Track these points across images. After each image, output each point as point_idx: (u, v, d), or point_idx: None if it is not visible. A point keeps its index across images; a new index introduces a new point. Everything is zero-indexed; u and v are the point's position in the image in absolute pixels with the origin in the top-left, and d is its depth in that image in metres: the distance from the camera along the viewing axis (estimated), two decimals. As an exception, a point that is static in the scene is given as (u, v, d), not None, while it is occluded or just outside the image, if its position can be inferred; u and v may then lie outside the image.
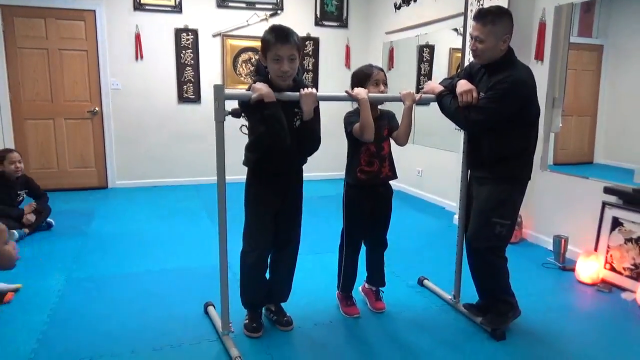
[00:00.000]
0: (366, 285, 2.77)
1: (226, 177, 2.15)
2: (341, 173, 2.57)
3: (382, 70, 2.44)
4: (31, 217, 3.97)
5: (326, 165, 6.03)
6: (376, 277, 2.71)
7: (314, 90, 2.11)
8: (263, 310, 2.52)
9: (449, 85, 2.40)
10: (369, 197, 2.49)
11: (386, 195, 2.56)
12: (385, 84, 2.42)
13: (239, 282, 2.41)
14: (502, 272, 2.41)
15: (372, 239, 2.63)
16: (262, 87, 2.02)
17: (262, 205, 2.27)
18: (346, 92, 2.27)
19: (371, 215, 2.53)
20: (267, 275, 2.46)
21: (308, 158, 2.33)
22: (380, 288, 2.73)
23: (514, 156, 2.29)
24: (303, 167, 2.38)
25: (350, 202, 2.51)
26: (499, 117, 2.21)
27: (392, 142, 2.51)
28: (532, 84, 2.26)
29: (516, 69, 2.23)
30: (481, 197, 2.37)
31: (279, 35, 2.02)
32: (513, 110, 2.21)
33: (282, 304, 2.52)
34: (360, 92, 2.26)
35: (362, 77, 2.40)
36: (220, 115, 2.04)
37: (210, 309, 2.58)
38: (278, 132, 2.03)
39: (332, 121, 2.29)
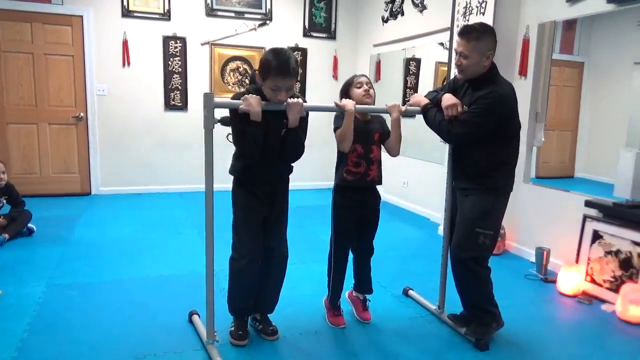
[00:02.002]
0: (353, 293, 2.77)
1: (214, 185, 2.14)
2: (327, 183, 2.59)
3: (364, 75, 2.50)
4: (2, 221, 3.90)
5: (312, 175, 6.05)
6: (363, 284, 2.71)
7: (300, 100, 2.13)
8: (249, 319, 2.51)
9: (434, 98, 2.46)
10: (357, 201, 2.50)
11: (374, 201, 2.58)
12: (371, 86, 2.45)
13: (227, 289, 2.40)
14: (486, 283, 2.44)
15: (360, 244, 2.63)
16: (254, 104, 2.03)
17: (250, 212, 2.27)
18: (335, 103, 2.31)
19: (359, 220, 2.54)
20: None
21: (294, 167, 2.37)
22: (367, 296, 2.73)
23: (495, 168, 2.36)
24: (290, 176, 2.40)
25: (338, 206, 2.52)
26: (480, 131, 2.29)
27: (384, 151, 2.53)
28: (513, 100, 2.34)
29: (499, 85, 2.30)
30: (465, 208, 2.41)
31: (281, 69, 2.04)
32: (494, 126, 2.28)
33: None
34: (347, 103, 2.30)
35: (346, 85, 2.48)
36: (209, 123, 2.05)
37: (195, 317, 2.56)
38: (250, 150, 2.12)
39: (319, 132, 2.32)
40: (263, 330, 2.45)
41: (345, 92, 2.46)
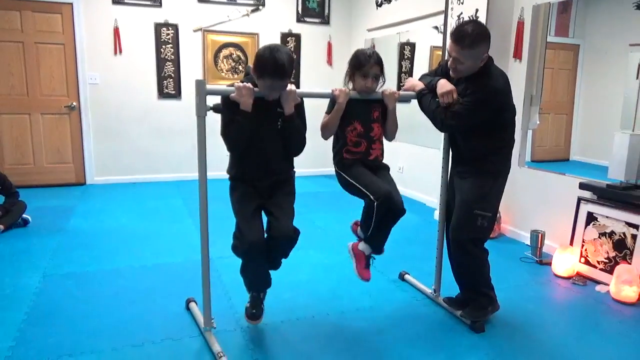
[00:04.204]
0: (360, 245, 2.45)
1: (207, 173, 2.13)
2: (321, 170, 2.57)
3: (379, 63, 2.28)
4: None
5: (305, 162, 6.00)
6: (377, 240, 2.42)
7: (293, 87, 2.11)
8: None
9: (429, 83, 2.43)
10: (363, 164, 2.35)
11: (380, 167, 2.41)
12: (377, 78, 2.29)
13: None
14: (483, 265, 2.46)
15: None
16: (245, 94, 2.00)
17: (245, 200, 2.18)
18: (332, 91, 2.24)
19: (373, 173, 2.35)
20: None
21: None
22: (373, 256, 2.49)
23: (492, 152, 2.38)
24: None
25: (348, 169, 2.33)
26: (472, 123, 2.31)
27: None
28: (506, 92, 2.33)
29: (493, 78, 2.27)
30: (464, 190, 2.42)
31: (276, 71, 1.97)
32: (486, 118, 2.29)
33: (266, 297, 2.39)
34: (340, 95, 2.22)
35: (355, 64, 2.28)
36: (201, 110, 2.03)
37: (192, 304, 2.57)
38: (236, 139, 2.10)
39: (312, 118, 2.28)
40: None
41: (352, 72, 2.30)
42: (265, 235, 2.16)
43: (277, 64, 1.97)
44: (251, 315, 2.30)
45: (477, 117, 2.28)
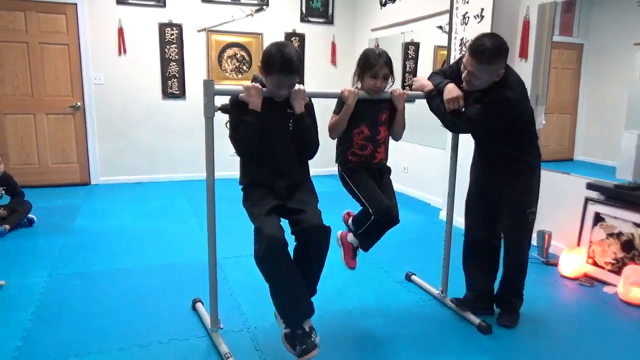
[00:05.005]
0: (349, 237, 2.48)
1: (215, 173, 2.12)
2: (328, 170, 2.56)
3: (389, 63, 2.25)
4: (3, 212, 3.89)
5: (312, 162, 6.01)
6: (367, 241, 2.44)
7: (302, 86, 2.10)
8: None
9: (438, 85, 2.39)
10: (365, 170, 2.35)
11: (383, 169, 2.41)
12: (386, 78, 2.27)
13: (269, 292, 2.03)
14: (527, 263, 2.52)
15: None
16: (254, 94, 1.98)
17: (261, 200, 2.05)
18: (341, 91, 2.22)
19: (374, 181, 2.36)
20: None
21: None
22: (360, 249, 2.51)
23: (522, 151, 2.37)
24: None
25: (352, 175, 2.33)
26: (484, 129, 2.33)
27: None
28: (522, 101, 2.29)
29: (508, 88, 2.23)
30: (512, 193, 2.40)
31: (284, 67, 1.95)
32: (498, 127, 2.29)
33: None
34: (349, 96, 2.20)
35: (365, 64, 2.26)
36: (209, 110, 2.02)
37: (199, 305, 2.56)
38: (244, 139, 2.02)
39: (318, 118, 2.27)
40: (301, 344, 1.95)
41: (361, 72, 2.28)
42: (292, 233, 1.99)
43: (285, 59, 1.95)
44: (301, 353, 1.90)
45: (492, 125, 2.28)
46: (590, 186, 3.26)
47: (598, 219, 3.20)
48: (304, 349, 1.90)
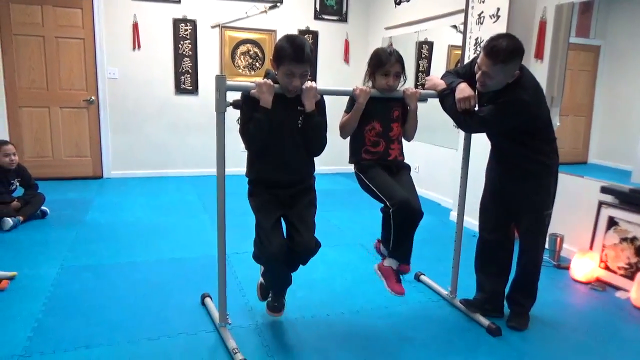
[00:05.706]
0: (385, 262, 2.37)
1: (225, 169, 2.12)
2: (337, 167, 2.55)
3: (400, 61, 2.24)
4: (16, 204, 3.94)
5: (322, 160, 6.00)
6: (401, 251, 2.35)
7: (314, 83, 2.09)
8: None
9: (450, 85, 2.37)
10: (382, 166, 2.31)
11: (400, 165, 2.37)
12: (398, 76, 2.25)
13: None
14: (540, 265, 2.52)
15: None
16: (265, 90, 1.99)
17: (266, 211, 2.14)
18: (353, 89, 2.22)
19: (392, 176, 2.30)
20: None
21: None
22: (400, 270, 2.38)
23: (539, 153, 2.34)
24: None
25: (366, 171, 2.30)
26: (498, 130, 2.33)
27: None
28: (537, 103, 2.25)
29: (524, 89, 2.20)
30: (528, 194, 2.38)
31: (296, 54, 1.97)
32: (510, 128, 2.27)
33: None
34: (361, 94, 2.19)
35: (376, 63, 2.24)
36: (221, 106, 2.02)
37: (207, 300, 2.57)
38: (254, 134, 2.04)
39: (328, 115, 2.26)
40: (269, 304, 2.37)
41: (373, 71, 2.27)
42: (286, 238, 2.15)
43: (297, 46, 1.98)
44: (273, 308, 2.35)
45: (505, 125, 2.27)
46: (604, 190, 3.22)
47: (612, 223, 3.16)
48: (276, 306, 2.34)
